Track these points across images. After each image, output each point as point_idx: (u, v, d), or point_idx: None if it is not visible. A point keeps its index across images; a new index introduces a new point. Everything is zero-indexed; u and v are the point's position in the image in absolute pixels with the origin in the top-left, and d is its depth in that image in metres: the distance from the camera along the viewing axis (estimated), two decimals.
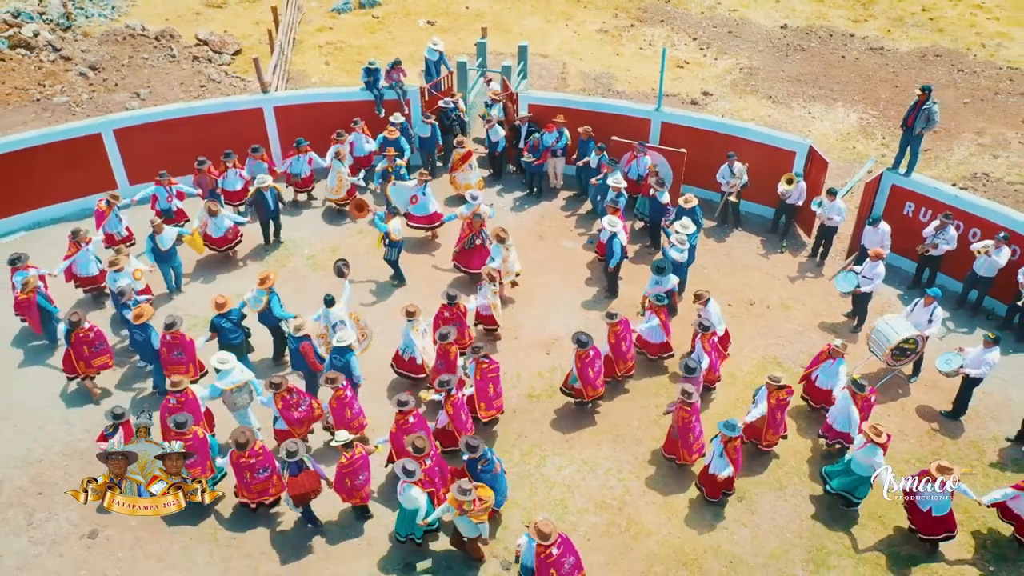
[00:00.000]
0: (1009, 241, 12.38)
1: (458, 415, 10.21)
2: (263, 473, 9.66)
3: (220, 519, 10.14)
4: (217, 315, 11.33)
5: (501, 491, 9.68)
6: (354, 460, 9.48)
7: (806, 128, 17.48)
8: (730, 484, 10.09)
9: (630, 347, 11.50)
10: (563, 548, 8.66)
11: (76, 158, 15.09)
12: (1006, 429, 11.22)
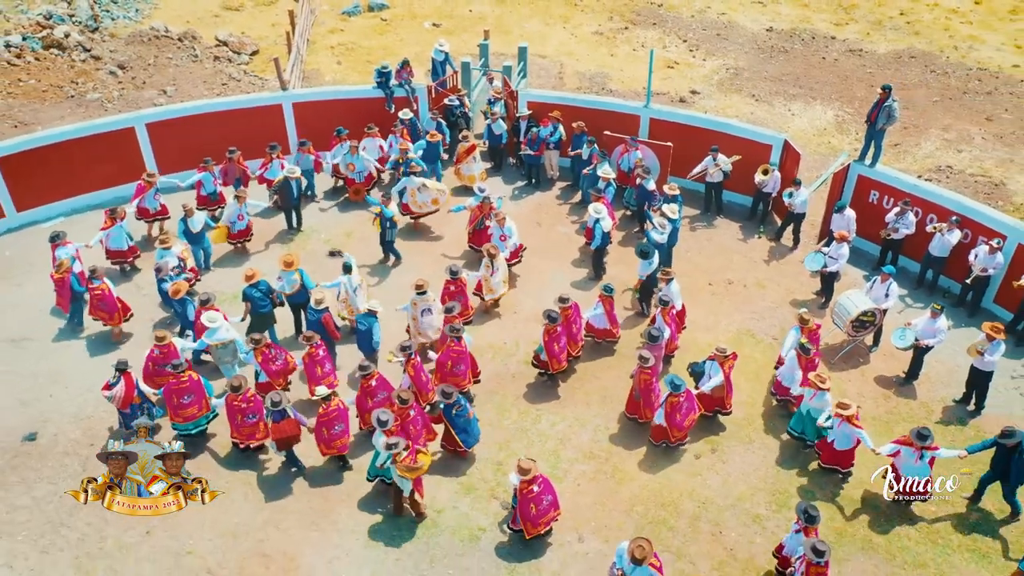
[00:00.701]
0: (960, 225, 13.70)
1: (419, 377, 11.42)
2: (252, 418, 10.98)
3: (220, 461, 11.44)
4: (248, 286, 12.64)
5: (474, 434, 11.13)
6: (330, 411, 10.74)
7: (785, 124, 18.81)
8: (661, 433, 11.33)
9: (580, 329, 12.63)
10: (543, 487, 9.97)
11: (111, 150, 16.43)
12: (953, 392, 12.52)
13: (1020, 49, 21.88)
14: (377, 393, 11.11)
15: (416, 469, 10.16)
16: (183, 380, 11.03)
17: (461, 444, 11.16)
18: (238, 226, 14.84)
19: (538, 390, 12.64)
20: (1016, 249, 13.29)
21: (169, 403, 11.23)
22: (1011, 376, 12.83)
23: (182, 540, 10.50)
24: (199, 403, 11.25)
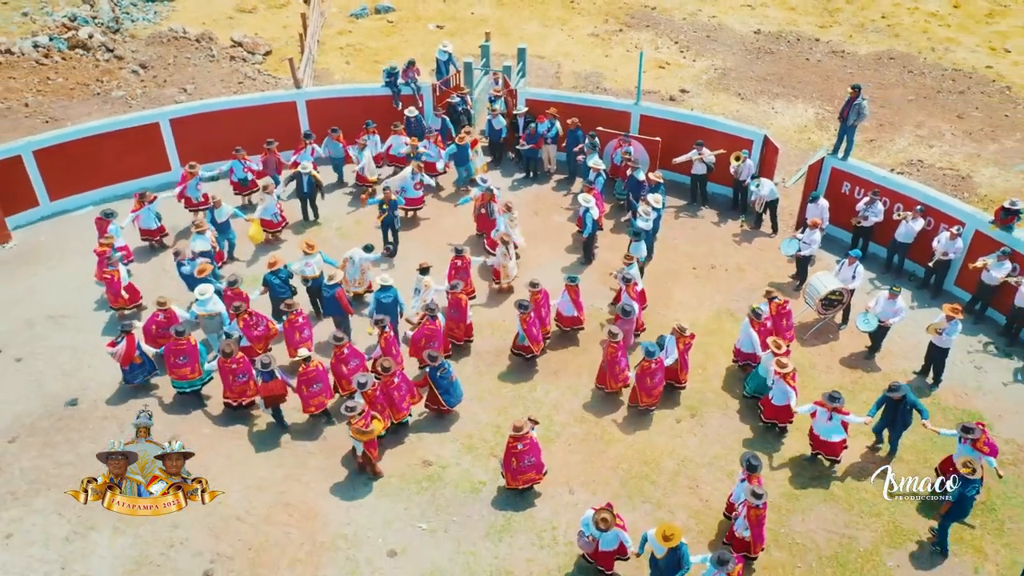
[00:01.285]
0: (924, 213, 14.87)
1: (389, 349, 12.53)
2: (242, 378, 12.25)
3: (244, 423, 12.64)
4: (269, 272, 13.81)
5: (456, 394, 12.42)
6: (309, 371, 11.98)
7: (768, 121, 19.97)
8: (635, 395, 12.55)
9: (548, 313, 13.70)
10: (529, 448, 11.13)
11: (137, 143, 17.62)
12: (914, 365, 13.69)
13: (994, 51, 23.04)
14: (349, 360, 12.34)
15: (366, 433, 11.26)
16: (181, 343, 12.35)
17: (444, 403, 12.39)
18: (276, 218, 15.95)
19: (533, 362, 13.81)
20: (974, 235, 14.46)
21: (167, 361, 12.59)
22: (967, 351, 14.00)
23: (210, 508, 11.65)
24: (192, 366, 12.54)
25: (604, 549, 10.05)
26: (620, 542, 10.05)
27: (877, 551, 10.95)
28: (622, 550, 10.15)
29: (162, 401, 13.03)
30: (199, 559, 10.85)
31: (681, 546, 9.60)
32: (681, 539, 9.58)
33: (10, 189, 16.45)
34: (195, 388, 12.85)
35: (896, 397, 11.36)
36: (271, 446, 12.42)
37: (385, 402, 11.85)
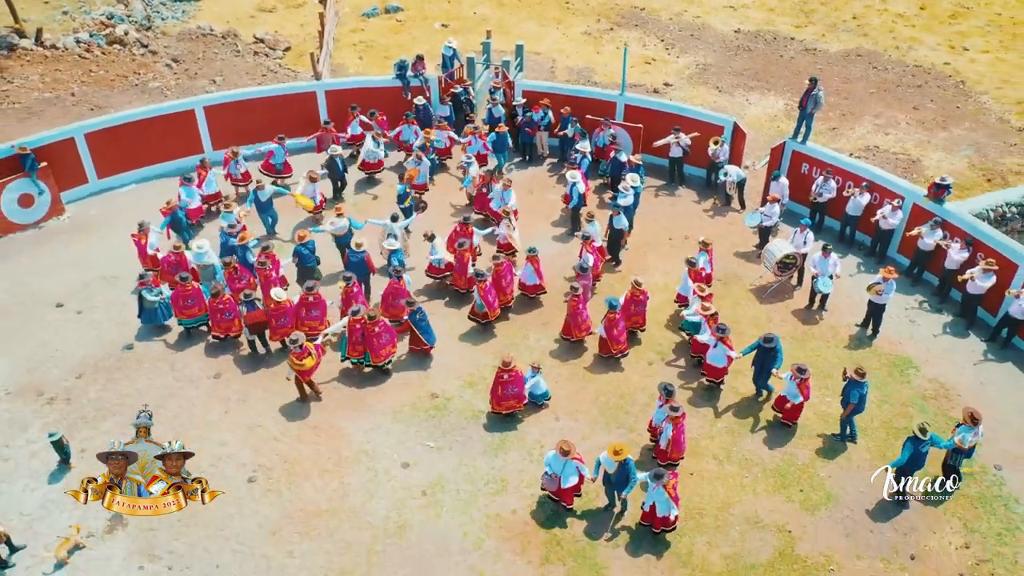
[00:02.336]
0: (870, 189, 16.93)
1: (350, 301, 14.63)
2: (228, 316, 14.60)
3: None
4: (299, 244, 15.87)
5: (432, 335, 14.60)
6: (279, 308, 14.37)
7: (742, 112, 22.04)
8: (605, 345, 14.56)
9: (510, 283, 15.54)
10: (513, 380, 13.17)
11: (174, 128, 19.71)
12: (856, 318, 15.74)
13: (953, 49, 25.09)
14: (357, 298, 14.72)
15: (298, 365, 13.35)
16: (187, 288, 14.68)
17: (425, 342, 14.52)
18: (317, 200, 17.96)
19: (527, 317, 15.89)
20: (912, 208, 16.52)
21: (176, 305, 14.86)
22: (904, 308, 16.07)
23: (252, 417, 13.79)
24: (199, 305, 14.91)
25: (565, 486, 11.84)
26: (580, 475, 11.82)
27: (812, 464, 13.02)
28: (579, 486, 11.96)
29: (207, 349, 15.08)
30: (243, 469, 12.94)
31: (628, 461, 11.59)
32: (628, 455, 11.59)
33: (64, 168, 18.54)
34: (201, 323, 15.15)
35: (768, 347, 13.36)
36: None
37: (365, 341, 14.04)
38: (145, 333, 15.42)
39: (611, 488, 12.00)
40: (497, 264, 15.41)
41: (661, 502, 11.40)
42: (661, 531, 11.69)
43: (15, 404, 14.01)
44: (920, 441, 11.72)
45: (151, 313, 15.15)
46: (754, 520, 12.21)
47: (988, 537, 11.94)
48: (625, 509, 12.19)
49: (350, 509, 12.36)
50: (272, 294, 14.56)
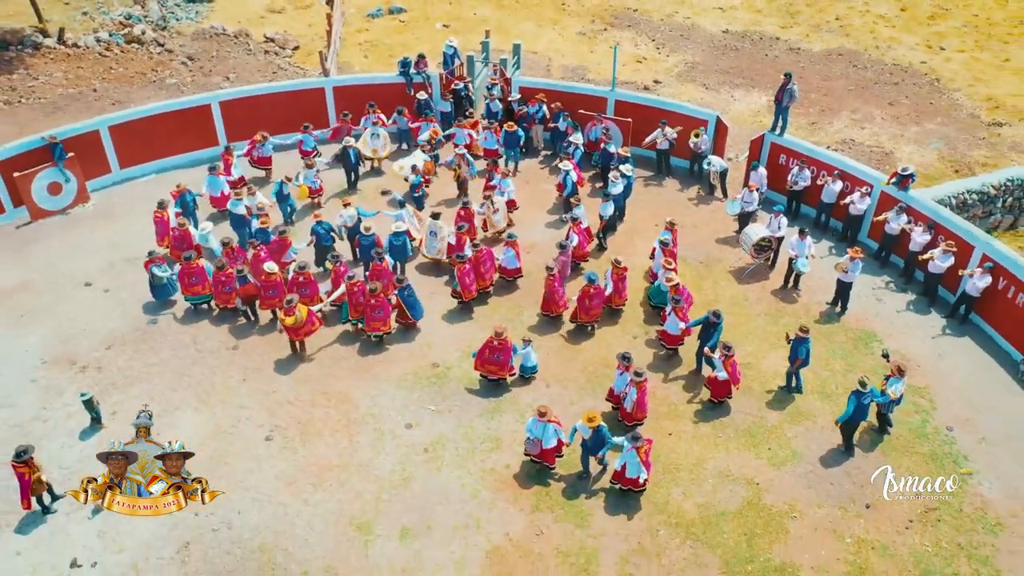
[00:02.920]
0: (841, 177, 18.16)
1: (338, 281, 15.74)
2: (228, 289, 15.90)
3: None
4: (316, 223, 17.12)
5: (419, 310, 15.92)
6: (269, 280, 15.61)
7: (727, 107, 23.27)
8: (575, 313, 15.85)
9: (489, 270, 16.66)
10: (501, 348, 14.39)
11: (191, 122, 20.97)
12: (826, 296, 16.97)
13: (930, 49, 26.32)
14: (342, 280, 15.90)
15: (286, 320, 14.83)
16: (193, 266, 15.94)
17: (411, 317, 15.82)
18: (315, 185, 19.24)
19: (522, 296, 17.13)
20: (880, 195, 17.75)
21: (182, 282, 16.13)
22: (872, 288, 17.31)
23: (268, 384, 15.03)
24: (203, 284, 16.14)
25: (546, 447, 12.98)
26: (558, 439, 12.97)
27: (780, 426, 14.25)
28: (559, 448, 13.10)
29: (225, 325, 16.33)
30: (261, 429, 14.19)
31: (601, 427, 12.73)
32: (600, 422, 12.76)
33: (89, 158, 19.80)
34: (205, 300, 16.39)
35: (713, 321, 14.60)
36: (312, 351, 15.76)
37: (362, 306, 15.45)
38: (166, 308, 16.67)
39: (586, 455, 13.11)
40: (477, 251, 16.48)
41: (632, 464, 12.52)
42: (633, 491, 12.86)
43: (51, 372, 15.27)
44: (862, 394, 13.03)
45: (162, 289, 16.47)
46: (725, 474, 13.44)
47: (937, 488, 13.16)
48: (605, 469, 13.36)
49: (359, 464, 13.60)
50: (264, 267, 15.87)
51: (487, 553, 12.28)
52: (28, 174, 18.77)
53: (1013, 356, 15.49)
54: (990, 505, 12.92)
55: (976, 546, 12.32)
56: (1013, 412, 14.52)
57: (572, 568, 12.08)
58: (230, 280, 15.95)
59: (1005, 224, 18.98)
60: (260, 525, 12.61)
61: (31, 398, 14.70)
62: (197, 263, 16.09)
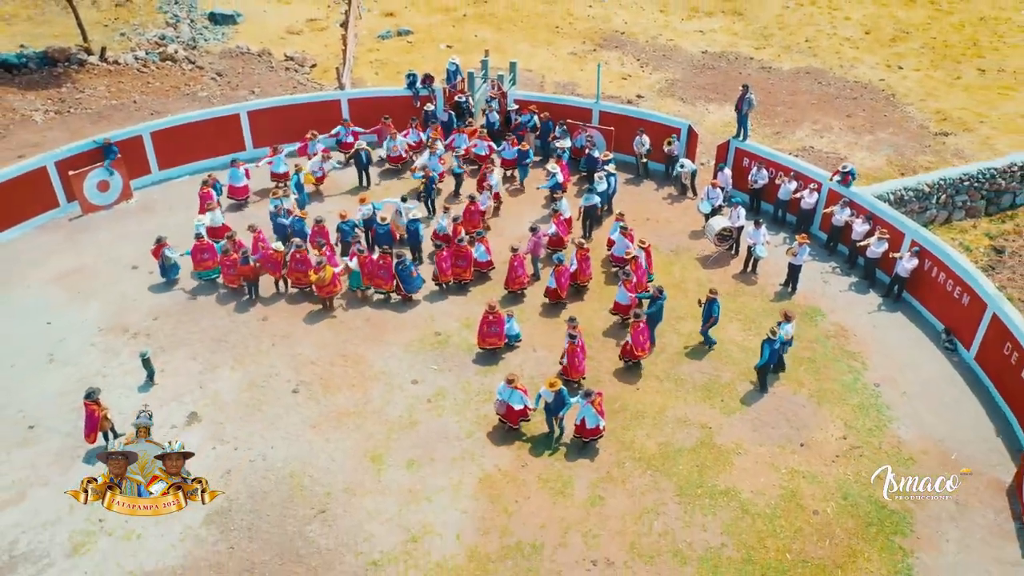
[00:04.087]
0: (796, 177, 20.67)
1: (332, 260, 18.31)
2: (232, 271, 18.35)
3: (314, 306, 18.48)
4: (341, 222, 19.64)
5: (413, 285, 18.38)
6: (275, 255, 18.28)
7: (701, 119, 25.87)
8: (553, 293, 18.28)
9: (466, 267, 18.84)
10: (496, 321, 16.83)
11: (222, 129, 23.62)
12: (780, 279, 19.41)
13: (889, 68, 28.96)
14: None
15: (314, 279, 17.71)
16: (204, 243, 18.62)
17: (403, 289, 18.34)
18: (317, 175, 21.92)
19: (498, 283, 19.56)
20: (828, 192, 20.26)
21: (195, 258, 18.69)
22: (820, 272, 19.76)
23: (294, 348, 17.49)
24: (212, 259, 18.72)
25: (514, 410, 15.16)
26: (524, 404, 15.15)
27: (733, 383, 16.65)
28: (524, 412, 15.25)
29: (254, 300, 18.81)
30: (288, 384, 16.63)
31: (562, 390, 14.88)
32: (561, 386, 15.00)
33: (133, 160, 22.43)
34: (213, 277, 18.92)
35: (657, 296, 17.05)
36: (333, 320, 18.24)
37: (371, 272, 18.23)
38: (205, 287, 19.19)
39: (550, 415, 15.32)
40: (460, 245, 18.83)
41: (590, 416, 14.81)
42: (591, 440, 15.11)
43: (107, 337, 17.76)
44: (772, 341, 15.66)
45: (172, 268, 19.07)
46: (683, 420, 15.83)
47: (861, 432, 15.54)
48: (563, 431, 15.55)
49: (372, 411, 16.03)
50: (272, 246, 18.59)
51: (479, 479, 14.67)
52: (81, 173, 21.39)
53: (936, 327, 17.91)
54: (904, 444, 15.29)
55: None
56: (932, 372, 16.93)
57: (551, 491, 14.45)
58: (234, 264, 18.42)
59: (940, 219, 21.45)
60: (289, 457, 15.03)
61: (92, 358, 17.18)
62: (207, 241, 18.72)
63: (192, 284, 19.28)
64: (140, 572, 12.95)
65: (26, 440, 15.36)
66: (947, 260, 17.41)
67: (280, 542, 13.55)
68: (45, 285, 19.27)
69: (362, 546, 13.51)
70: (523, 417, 15.35)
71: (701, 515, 14.01)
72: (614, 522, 13.91)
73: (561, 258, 18.13)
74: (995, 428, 15.64)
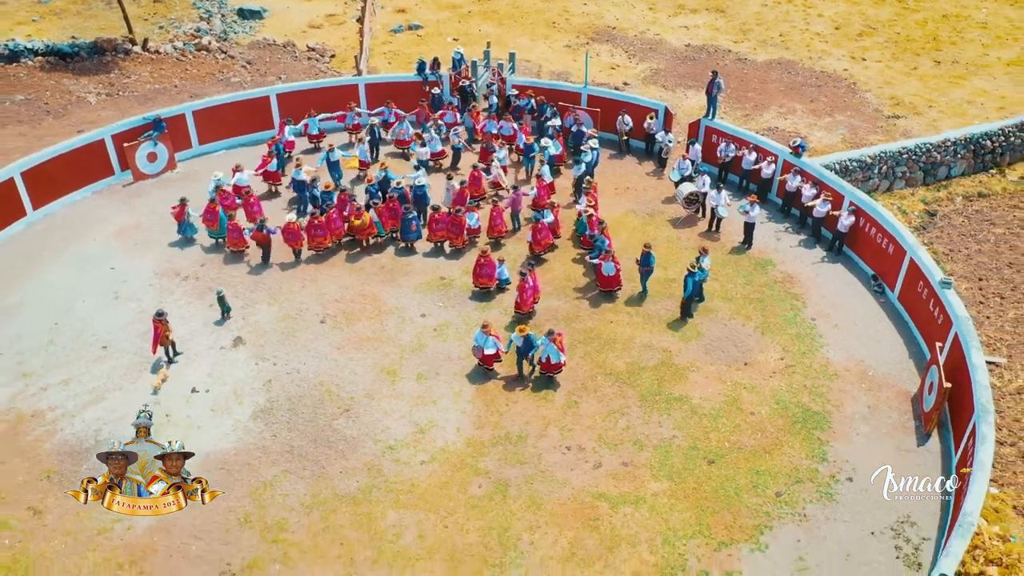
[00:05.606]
0: (756, 150, 23.71)
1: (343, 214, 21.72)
2: (236, 235, 21.26)
3: (332, 258, 21.60)
4: (368, 184, 22.79)
5: (411, 235, 21.60)
6: (291, 226, 21.15)
7: (680, 103, 28.89)
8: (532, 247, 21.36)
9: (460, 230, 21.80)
10: (487, 264, 19.90)
11: (254, 109, 26.78)
12: (739, 237, 22.42)
13: (854, 59, 31.94)
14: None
15: (353, 222, 21.11)
16: (213, 206, 21.56)
17: (401, 237, 21.71)
18: (362, 159, 24.98)
19: (514, 242, 22.68)
20: (783, 164, 23.29)
21: (205, 219, 21.64)
22: (774, 231, 22.78)
23: (321, 289, 20.59)
24: (215, 223, 21.63)
25: (487, 353, 17.99)
26: (497, 349, 17.89)
27: (694, 319, 19.68)
28: (497, 355, 17.95)
29: (285, 252, 21.95)
30: (316, 316, 19.74)
31: (530, 335, 17.75)
32: (529, 331, 17.89)
33: (177, 135, 25.60)
34: (221, 236, 21.77)
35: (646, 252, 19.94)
36: (354, 267, 21.36)
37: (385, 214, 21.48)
38: (191, 244, 22.28)
39: (520, 359, 17.97)
40: (456, 215, 21.62)
41: (553, 352, 17.64)
42: (555, 373, 17.94)
43: (162, 280, 20.92)
44: (693, 274, 18.75)
45: (190, 227, 22.10)
46: (648, 345, 18.88)
47: (796, 354, 18.56)
48: (533, 368, 18.29)
49: (387, 337, 19.13)
50: (287, 217, 21.60)
51: (477, 389, 17.77)
52: (134, 145, 24.57)
53: (868, 273, 20.93)
54: (831, 363, 18.31)
55: (816, 386, 17.70)
56: (861, 310, 19.94)
57: (535, 398, 17.53)
58: (238, 229, 21.28)
59: (883, 188, 24.44)
60: (319, 371, 18.16)
61: (150, 296, 20.34)
62: (215, 207, 21.66)
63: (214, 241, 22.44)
64: (201, 453, 16.10)
65: (101, 357, 18.52)
66: (876, 216, 20.42)
67: (313, 432, 16.68)
68: (107, 239, 22.46)
69: (380, 436, 16.62)
70: (496, 359, 17.97)
71: (658, 415, 17.07)
72: (586, 420, 16.98)
73: (539, 216, 21.20)
74: (908, 352, 18.67)
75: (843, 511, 15.03)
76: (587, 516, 14.95)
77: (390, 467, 15.94)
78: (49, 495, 15.23)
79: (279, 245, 21.51)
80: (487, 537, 14.60)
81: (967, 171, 25.12)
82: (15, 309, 19.85)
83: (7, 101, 27.68)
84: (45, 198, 23.20)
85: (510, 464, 16.01)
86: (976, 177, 25.36)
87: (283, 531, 14.68)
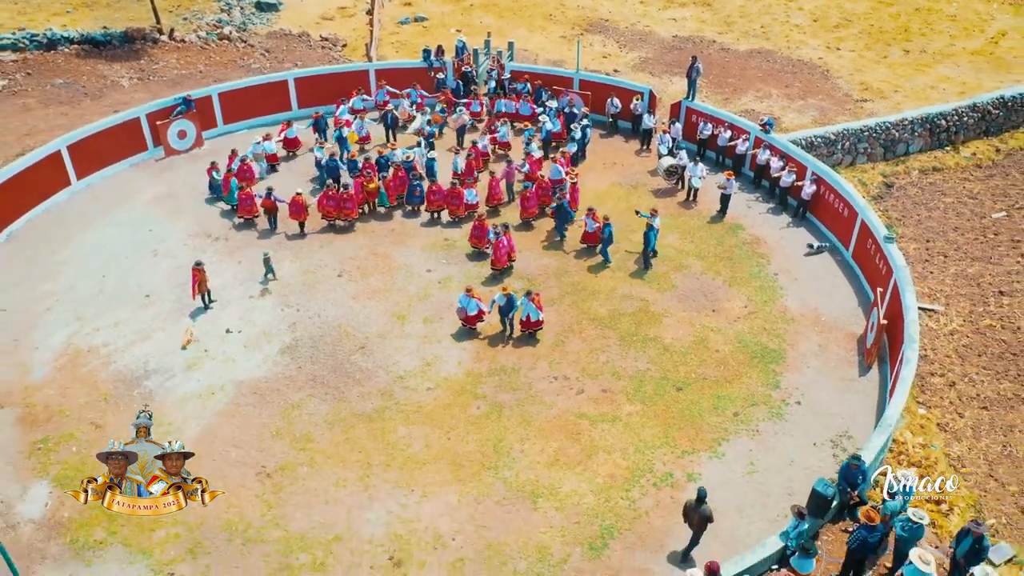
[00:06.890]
0: (730, 128, 26.13)
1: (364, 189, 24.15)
2: (248, 203, 23.65)
3: (346, 230, 24.08)
4: (379, 156, 25.27)
5: (414, 200, 24.13)
6: (298, 199, 23.40)
7: (665, 89, 31.30)
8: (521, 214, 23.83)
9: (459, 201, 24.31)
10: (481, 227, 22.28)
11: (272, 92, 29.25)
12: (715, 207, 24.83)
13: (829, 49, 34.33)
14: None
15: (367, 185, 23.42)
16: (229, 176, 24.05)
17: (405, 200, 24.21)
18: (361, 134, 27.46)
19: (509, 216, 25.14)
20: (754, 140, 25.71)
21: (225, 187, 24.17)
22: (746, 200, 25.21)
23: (337, 248, 23.06)
24: (225, 190, 24.15)
25: (470, 315, 20.21)
26: (479, 310, 20.08)
27: (668, 274, 22.08)
28: (480, 316, 20.13)
29: (276, 221, 24.43)
30: (334, 271, 22.20)
31: (511, 295, 20.13)
32: (511, 291, 20.38)
33: (204, 114, 28.08)
34: (232, 204, 24.20)
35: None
36: (366, 228, 23.83)
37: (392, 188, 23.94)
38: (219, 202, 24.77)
39: (503, 317, 20.16)
40: (455, 187, 23.99)
41: (532, 311, 19.94)
42: (535, 330, 20.29)
43: (195, 241, 23.40)
44: (651, 228, 21.28)
45: (217, 187, 24.56)
46: (627, 296, 21.32)
47: (759, 302, 20.99)
48: (513, 330, 20.51)
49: (397, 288, 21.60)
50: (296, 192, 23.82)
51: (475, 331, 20.24)
52: (165, 123, 27.06)
53: (830, 238, 23.35)
54: (789, 310, 20.74)
55: (774, 328, 20.13)
56: (819, 267, 22.36)
57: (527, 339, 19.97)
58: (250, 196, 23.64)
59: (846, 162, 26.85)
60: (337, 315, 20.63)
61: (185, 253, 22.81)
62: (228, 175, 24.16)
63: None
64: (235, 380, 18.61)
65: (145, 304, 21.01)
66: (834, 183, 22.85)
67: (334, 364, 19.15)
68: (144, 205, 24.96)
69: (392, 368, 19.09)
70: (479, 319, 20.09)
71: (634, 352, 19.51)
72: (571, 355, 19.44)
73: (528, 185, 23.66)
74: (858, 301, 21.10)
75: (791, 427, 17.47)
76: (570, 431, 17.40)
77: (401, 392, 18.41)
78: (107, 413, 17.73)
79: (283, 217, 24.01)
80: (484, 447, 17.06)
81: (924, 148, 27.50)
82: (67, 264, 22.36)
83: (48, 84, 30.21)
84: (88, 169, 25.70)
85: (504, 390, 18.47)
86: (932, 153, 27.76)
87: (310, 442, 17.17)
